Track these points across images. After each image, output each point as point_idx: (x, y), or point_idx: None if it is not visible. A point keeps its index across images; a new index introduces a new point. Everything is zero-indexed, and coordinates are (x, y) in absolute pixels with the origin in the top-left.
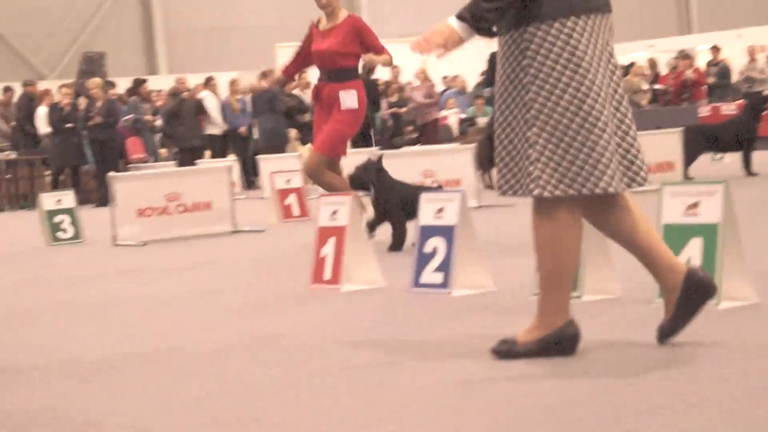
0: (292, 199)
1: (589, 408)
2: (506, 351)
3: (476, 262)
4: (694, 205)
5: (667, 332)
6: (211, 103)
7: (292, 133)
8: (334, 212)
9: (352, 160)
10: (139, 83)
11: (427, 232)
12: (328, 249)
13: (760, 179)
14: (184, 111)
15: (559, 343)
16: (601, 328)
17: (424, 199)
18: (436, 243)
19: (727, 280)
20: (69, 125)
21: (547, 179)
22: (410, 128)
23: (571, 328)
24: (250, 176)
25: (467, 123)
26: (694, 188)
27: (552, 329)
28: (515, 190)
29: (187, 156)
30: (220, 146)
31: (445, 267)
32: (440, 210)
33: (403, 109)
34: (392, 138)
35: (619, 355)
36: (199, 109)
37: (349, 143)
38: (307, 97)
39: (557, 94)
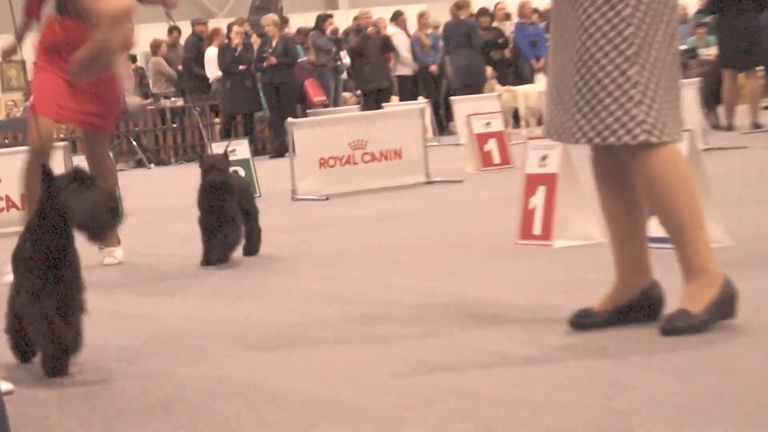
0: (491, 145)
1: None
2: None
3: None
4: None
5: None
6: (399, 39)
7: (489, 70)
8: (544, 157)
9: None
10: (322, 19)
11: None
12: (538, 200)
13: None
14: (368, 49)
15: (729, 301)
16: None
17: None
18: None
19: None
20: (241, 67)
21: (653, 123)
22: None
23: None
24: (443, 120)
25: (688, 55)
26: None
27: (720, 284)
28: (601, 137)
29: (373, 99)
30: (409, 88)
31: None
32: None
33: None
34: None
35: None
36: (386, 47)
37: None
38: (508, 28)
39: (654, 28)
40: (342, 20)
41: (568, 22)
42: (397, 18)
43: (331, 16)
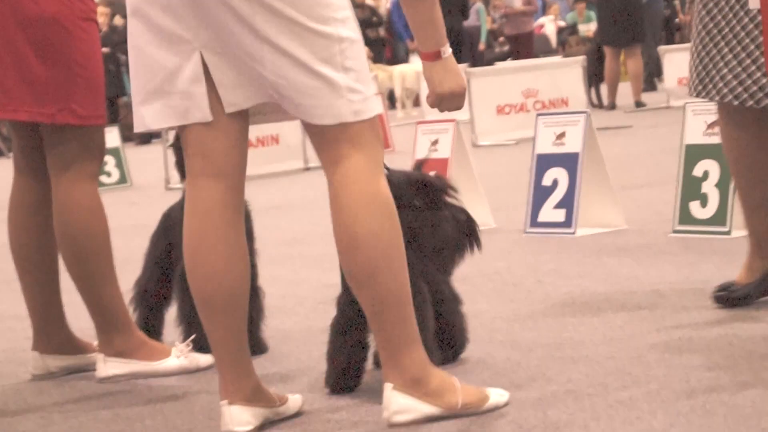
0: None
1: None
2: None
3: (604, 196)
4: None
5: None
6: None
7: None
8: (435, 142)
9: None
10: None
11: (545, 161)
12: None
13: None
14: None
15: None
16: None
17: (542, 122)
18: (557, 174)
19: None
20: (104, 50)
21: None
22: (500, 39)
23: None
24: None
25: (567, 32)
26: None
27: None
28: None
29: None
30: None
31: (567, 203)
32: (561, 135)
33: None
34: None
35: None
36: None
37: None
38: (383, 5)
39: None
40: None
41: None
42: None
43: None
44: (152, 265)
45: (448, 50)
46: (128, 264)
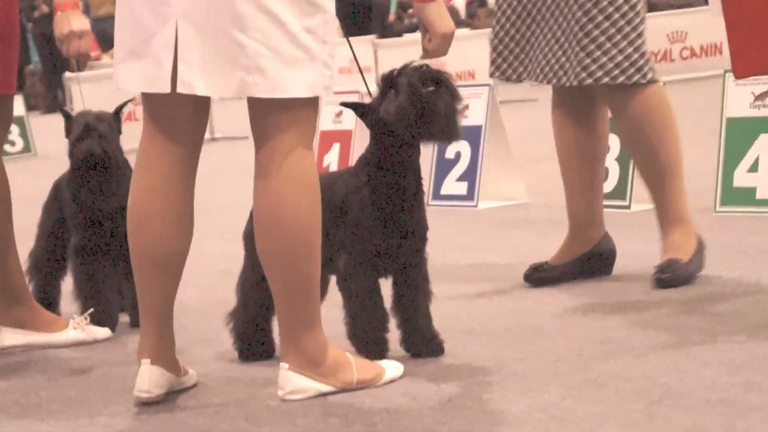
0: None
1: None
2: (679, 276)
3: (507, 169)
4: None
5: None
6: None
7: None
8: (339, 114)
9: (346, 50)
10: None
11: None
12: (332, 156)
13: None
14: None
15: (703, 252)
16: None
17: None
18: (459, 147)
19: None
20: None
21: (635, 62)
22: (410, 11)
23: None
24: None
25: (476, 4)
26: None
27: (696, 234)
28: (564, 76)
29: None
30: None
31: (470, 175)
32: (464, 107)
33: None
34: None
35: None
36: None
37: (341, 30)
38: None
39: None
40: None
41: None
42: None
43: None
44: (45, 236)
45: None
46: (30, 235)
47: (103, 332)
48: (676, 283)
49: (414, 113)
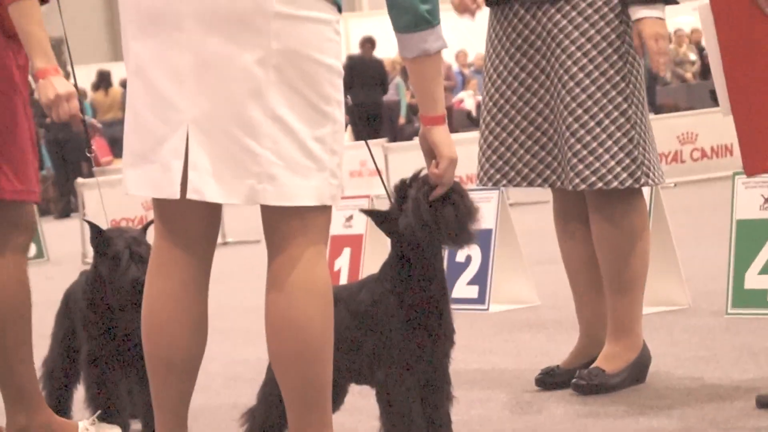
0: None
1: None
2: (593, 385)
3: (517, 271)
4: None
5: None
6: None
7: None
8: (350, 218)
9: (356, 154)
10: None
11: None
12: (343, 261)
13: None
14: None
15: (645, 366)
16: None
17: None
18: (470, 251)
19: None
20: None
21: (628, 167)
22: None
23: (647, 348)
24: None
25: None
26: None
27: (639, 348)
28: (557, 180)
29: None
30: None
31: (481, 279)
32: None
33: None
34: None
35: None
36: None
37: (351, 133)
38: None
39: (636, 66)
40: None
41: (538, 62)
42: None
43: None
44: (57, 344)
45: None
46: (43, 339)
47: (114, 431)
48: (588, 392)
49: (422, 225)
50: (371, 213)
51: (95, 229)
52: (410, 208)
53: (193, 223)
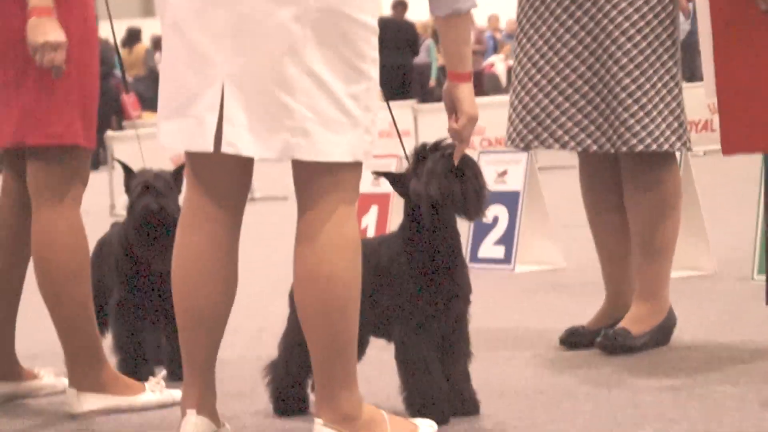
0: None
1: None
2: (617, 345)
3: (544, 234)
4: None
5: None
6: None
7: None
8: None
9: (386, 114)
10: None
11: None
12: (370, 219)
13: None
14: None
15: (670, 330)
16: (695, 310)
17: (485, 160)
18: (497, 211)
19: None
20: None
21: (676, 131)
22: None
23: (673, 311)
24: None
25: None
26: None
27: (666, 312)
28: (607, 142)
29: None
30: None
31: (507, 240)
32: (503, 173)
33: None
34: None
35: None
36: None
37: (381, 95)
38: None
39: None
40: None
41: (585, 24)
42: None
43: None
44: None
45: None
46: None
47: (180, 393)
48: (612, 352)
49: (429, 199)
50: (385, 175)
51: (127, 170)
52: (422, 181)
53: (225, 179)
